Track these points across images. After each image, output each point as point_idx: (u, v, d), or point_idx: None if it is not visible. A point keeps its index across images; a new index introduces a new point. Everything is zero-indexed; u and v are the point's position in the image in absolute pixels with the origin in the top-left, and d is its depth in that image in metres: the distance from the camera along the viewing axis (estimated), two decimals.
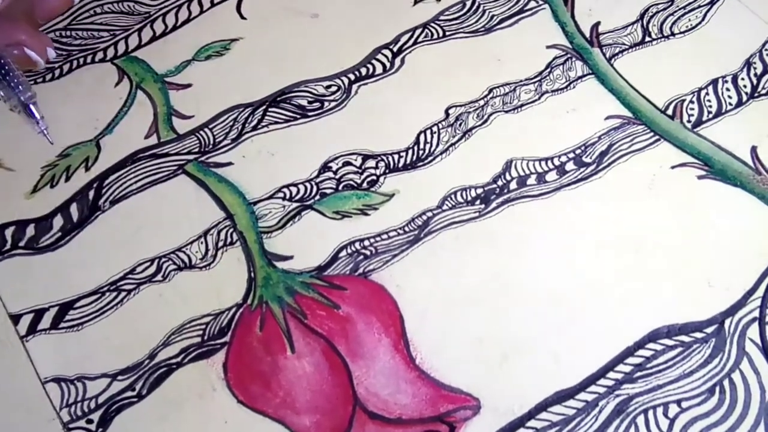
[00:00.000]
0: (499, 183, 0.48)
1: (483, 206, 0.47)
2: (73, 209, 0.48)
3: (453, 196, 0.48)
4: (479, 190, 0.48)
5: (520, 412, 0.41)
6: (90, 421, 0.41)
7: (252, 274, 0.45)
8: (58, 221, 0.47)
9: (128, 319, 0.44)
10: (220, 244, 0.46)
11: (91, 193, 0.48)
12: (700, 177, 0.48)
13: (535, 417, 0.40)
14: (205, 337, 0.43)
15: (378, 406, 0.41)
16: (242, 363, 0.42)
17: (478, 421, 0.41)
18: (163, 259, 0.45)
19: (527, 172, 0.49)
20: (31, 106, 0.44)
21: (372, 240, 0.46)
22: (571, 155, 0.49)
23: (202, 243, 0.46)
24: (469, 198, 0.48)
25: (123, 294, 0.45)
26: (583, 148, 0.50)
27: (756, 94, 0.51)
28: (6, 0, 0.40)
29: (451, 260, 0.45)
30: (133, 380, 0.42)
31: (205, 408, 0.41)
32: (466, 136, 0.50)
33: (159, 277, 0.45)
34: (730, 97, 0.51)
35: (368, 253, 0.46)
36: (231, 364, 0.43)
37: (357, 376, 0.42)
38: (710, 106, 0.51)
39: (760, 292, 0.44)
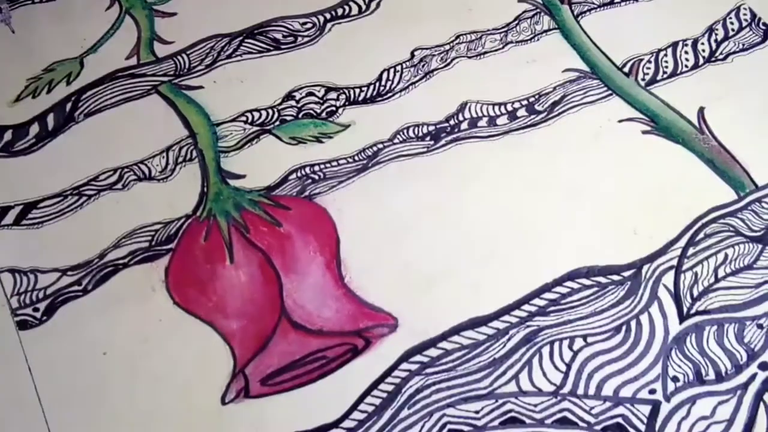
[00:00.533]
0: (451, 123, 0.51)
1: (432, 143, 0.50)
2: (50, 119, 0.51)
3: (405, 131, 0.51)
4: (431, 128, 0.51)
5: (433, 334, 0.43)
6: (36, 309, 0.44)
7: (205, 189, 0.48)
8: (34, 129, 0.51)
9: (85, 222, 0.47)
10: (180, 159, 0.50)
11: (68, 105, 0.51)
12: (644, 132, 0.50)
13: (447, 339, 0.43)
14: (153, 243, 0.46)
15: (303, 318, 0.44)
16: (183, 268, 0.46)
17: (393, 338, 0.43)
18: (126, 170, 0.48)
19: (480, 114, 0.51)
20: None
21: (322, 166, 0.49)
22: (525, 102, 0.52)
23: (163, 157, 0.49)
24: (421, 134, 0.50)
25: (84, 198, 0.48)
26: (537, 96, 0.52)
27: (713, 59, 0.53)
28: None
29: (393, 190, 0.48)
30: (81, 276, 0.46)
31: (143, 306, 0.44)
32: (428, 76, 0.53)
33: (119, 186, 0.48)
34: (687, 60, 0.53)
35: (317, 177, 0.49)
36: (172, 269, 0.46)
37: (288, 289, 0.45)
38: (666, 67, 0.53)
39: (682, 243, 0.45)
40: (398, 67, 0.52)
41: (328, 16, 0.53)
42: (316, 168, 0.49)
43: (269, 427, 0.40)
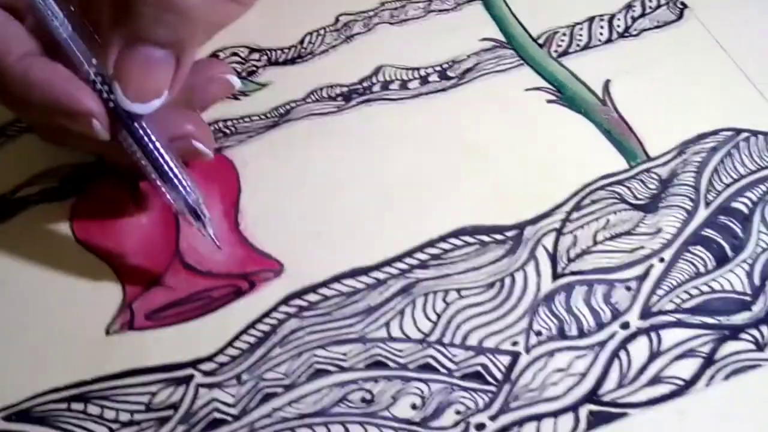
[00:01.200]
0: (364, 85, 0.53)
1: (344, 103, 0.52)
2: None
3: (319, 92, 0.53)
4: (344, 89, 0.53)
5: (315, 280, 0.46)
6: None
7: None
8: None
9: (2, 160, 0.50)
10: None
11: None
12: (549, 101, 0.52)
13: (328, 286, 0.45)
14: (63, 183, 0.49)
15: (194, 259, 0.46)
16: (88, 209, 0.49)
17: (276, 282, 0.46)
18: None
19: (392, 78, 0.53)
20: (199, 209, 0.43)
21: (235, 121, 0.52)
22: (438, 69, 0.54)
23: None
24: (333, 94, 0.53)
25: (4, 138, 0.51)
26: (451, 63, 0.54)
27: (626, 34, 0.55)
28: (175, 88, 0.39)
29: (300, 147, 0.51)
30: None
31: (45, 241, 0.47)
32: (348, 40, 0.55)
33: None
34: (601, 34, 0.55)
35: (228, 132, 0.51)
36: (78, 208, 0.49)
37: (184, 232, 0.48)
38: (580, 40, 0.55)
39: (568, 207, 0.47)
40: (321, 31, 0.54)
41: None
42: (229, 123, 0.51)
43: (148, 357, 0.43)
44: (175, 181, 0.40)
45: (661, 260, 0.46)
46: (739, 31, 0.54)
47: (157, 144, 0.39)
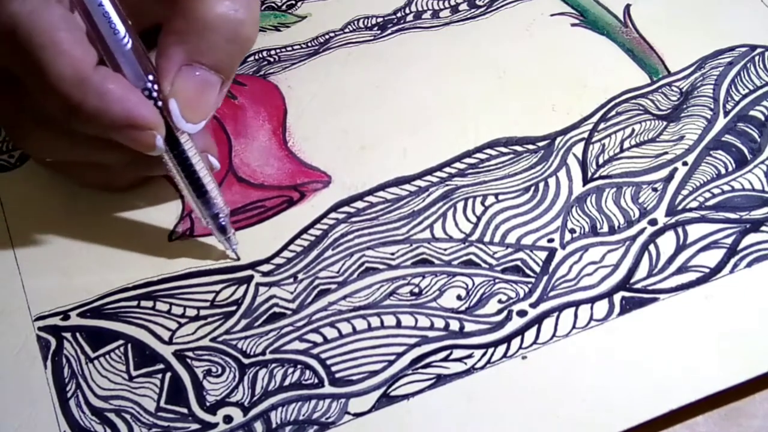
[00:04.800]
0: (398, 15, 0.57)
1: (379, 32, 0.56)
2: None
3: (356, 22, 0.57)
4: (379, 20, 0.57)
5: (362, 189, 0.49)
6: (12, 156, 0.51)
7: None
8: None
9: None
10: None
11: None
12: (573, 24, 0.56)
13: (374, 194, 0.49)
14: None
15: (246, 173, 0.50)
16: None
17: (325, 192, 0.49)
18: None
19: (425, 8, 0.57)
20: (224, 221, 0.44)
21: (278, 50, 0.55)
22: None
23: None
24: (369, 25, 0.56)
25: None
26: None
27: None
28: (209, 116, 0.41)
29: (339, 72, 0.54)
30: None
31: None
32: None
33: None
34: None
35: (272, 59, 0.55)
36: None
37: (236, 150, 0.51)
38: None
39: (595, 119, 0.51)
40: None
41: None
42: (272, 52, 0.55)
43: (207, 260, 0.46)
44: (212, 197, 0.42)
45: (685, 164, 0.49)
46: None
47: (199, 162, 0.41)
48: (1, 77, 0.37)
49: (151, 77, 0.38)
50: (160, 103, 0.38)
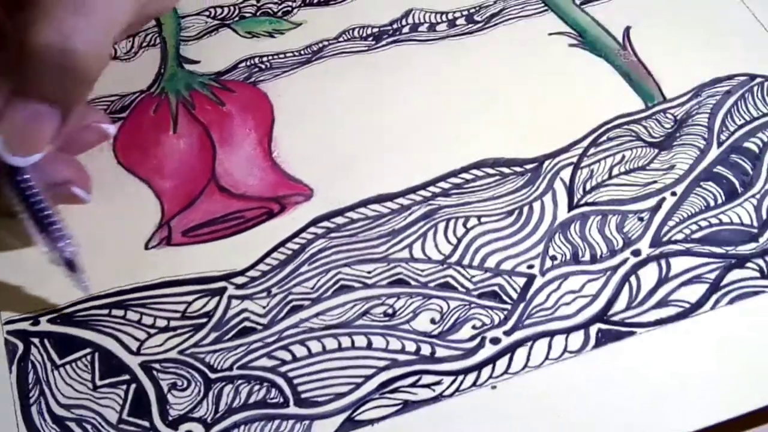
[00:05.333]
0: (394, 26, 0.56)
1: (374, 42, 0.55)
2: None
3: (351, 31, 0.56)
4: (375, 30, 0.56)
5: (342, 205, 0.48)
6: None
7: (162, 70, 0.54)
8: None
9: None
10: (144, 44, 0.56)
11: None
12: (571, 45, 0.55)
13: (355, 210, 0.48)
14: (108, 110, 0.52)
15: (228, 183, 0.49)
16: (130, 134, 0.52)
17: (306, 206, 0.49)
18: None
19: (422, 21, 0.56)
20: (75, 260, 0.43)
21: (270, 57, 0.55)
22: (465, 13, 0.56)
23: (129, 41, 0.55)
24: (364, 35, 0.56)
25: None
26: (478, 8, 0.57)
27: None
28: (55, 143, 0.38)
29: (330, 82, 0.53)
30: None
31: (90, 164, 0.50)
32: None
33: None
34: None
35: (263, 66, 0.54)
36: (121, 133, 0.52)
37: (220, 158, 0.51)
38: None
39: (585, 143, 0.50)
40: None
41: None
42: (264, 59, 0.54)
43: (183, 269, 0.45)
44: (54, 231, 0.40)
45: (673, 194, 0.48)
46: None
47: (37, 194, 0.38)
48: None
49: None
50: None
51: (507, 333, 0.44)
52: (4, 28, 0.37)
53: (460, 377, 0.43)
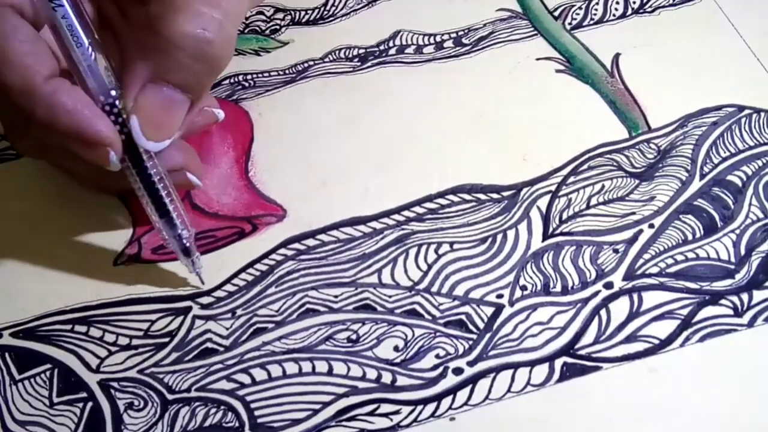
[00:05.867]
0: (381, 48, 0.55)
1: (359, 64, 0.55)
2: None
3: (337, 52, 0.56)
4: (361, 51, 0.55)
5: (315, 226, 0.48)
6: None
7: None
8: None
9: None
10: None
11: None
12: (558, 71, 0.54)
13: (327, 232, 0.48)
14: None
15: (202, 201, 0.49)
16: None
17: (278, 226, 0.48)
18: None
19: (409, 42, 0.56)
20: (188, 243, 0.43)
21: (254, 75, 0.55)
22: (453, 35, 0.56)
23: None
24: (350, 55, 0.55)
25: None
26: (466, 31, 0.56)
27: (641, 11, 0.56)
28: (183, 129, 0.40)
29: (313, 102, 0.53)
30: None
31: (66, 178, 0.50)
32: (371, 5, 0.58)
33: None
34: (617, 9, 0.56)
35: (246, 84, 0.54)
36: None
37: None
38: (595, 14, 0.56)
39: (565, 172, 0.49)
40: None
41: None
42: (249, 77, 0.54)
43: (150, 287, 0.45)
44: (174, 217, 0.42)
45: (651, 226, 0.47)
46: (753, 11, 0.55)
47: (161, 180, 0.40)
48: None
49: (114, 92, 0.37)
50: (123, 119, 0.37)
51: (470, 363, 0.43)
52: (113, 22, 0.41)
53: (419, 407, 0.42)
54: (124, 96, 0.37)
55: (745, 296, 0.44)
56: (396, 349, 0.43)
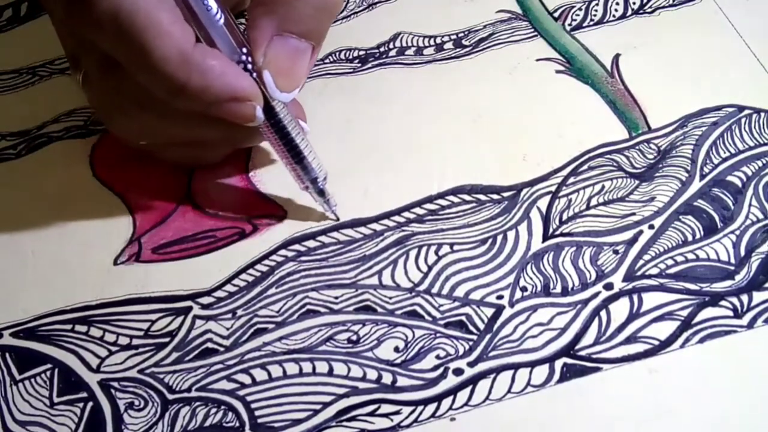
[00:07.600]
0: (381, 49, 0.55)
1: (359, 65, 0.55)
2: (24, 6, 0.58)
3: (337, 54, 0.56)
4: (362, 52, 0.55)
5: (315, 228, 0.48)
6: None
7: None
8: (7, 14, 0.58)
9: (33, 97, 0.54)
10: None
11: None
12: (558, 71, 0.54)
13: (327, 234, 0.48)
14: (88, 123, 0.52)
15: (203, 201, 0.49)
16: (109, 148, 0.52)
17: (277, 227, 0.48)
18: None
19: (409, 44, 0.56)
20: (322, 185, 0.46)
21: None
22: (453, 37, 0.56)
23: None
24: (351, 57, 0.55)
25: (36, 78, 0.55)
26: (466, 32, 0.56)
27: (641, 11, 0.56)
28: (302, 84, 0.43)
29: (313, 102, 0.53)
30: (17, 142, 0.52)
31: (65, 174, 0.50)
32: (371, 7, 0.58)
33: (70, 71, 0.54)
34: (617, 10, 0.56)
35: None
36: (99, 146, 0.52)
37: (197, 176, 0.50)
38: (595, 15, 0.56)
39: (565, 172, 0.49)
40: None
41: None
42: None
43: (150, 287, 0.45)
44: (310, 161, 0.44)
45: (651, 227, 0.47)
46: (753, 12, 0.55)
47: (295, 129, 0.43)
48: (102, 62, 0.40)
49: (244, 50, 0.39)
50: (254, 75, 0.39)
51: (471, 364, 0.43)
52: None
53: (420, 407, 0.42)
54: (254, 52, 0.39)
55: (744, 297, 0.44)
56: (396, 349, 0.43)
